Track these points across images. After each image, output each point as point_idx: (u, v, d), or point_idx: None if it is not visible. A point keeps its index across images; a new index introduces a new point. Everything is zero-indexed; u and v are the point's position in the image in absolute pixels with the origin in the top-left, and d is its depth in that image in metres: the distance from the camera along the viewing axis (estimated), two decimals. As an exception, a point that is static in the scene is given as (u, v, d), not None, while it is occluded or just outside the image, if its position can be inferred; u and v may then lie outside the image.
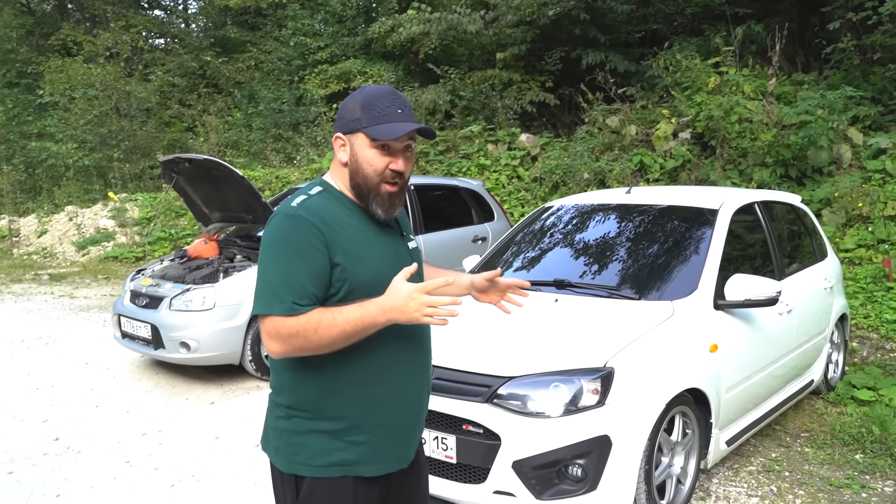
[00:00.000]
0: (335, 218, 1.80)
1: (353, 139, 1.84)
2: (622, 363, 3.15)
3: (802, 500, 3.69)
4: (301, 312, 1.70)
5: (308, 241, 1.74)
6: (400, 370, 1.88)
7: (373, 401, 1.84)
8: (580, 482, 3.03)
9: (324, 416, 1.83)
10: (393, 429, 1.88)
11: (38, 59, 19.85)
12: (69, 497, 3.94)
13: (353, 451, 1.83)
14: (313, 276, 1.74)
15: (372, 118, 1.80)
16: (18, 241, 14.11)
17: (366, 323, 1.71)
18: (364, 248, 1.82)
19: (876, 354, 5.89)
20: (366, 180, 1.83)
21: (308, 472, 1.84)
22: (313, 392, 1.83)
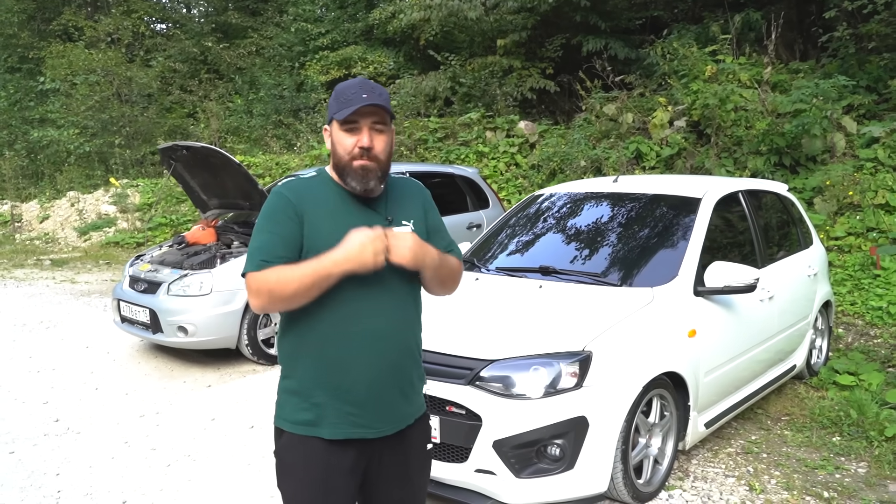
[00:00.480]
0: (314, 195, 2.03)
1: (331, 128, 2.05)
2: (600, 347, 3.26)
3: (777, 480, 3.81)
4: (267, 267, 1.92)
5: (281, 210, 1.98)
6: (358, 336, 1.98)
7: (328, 363, 1.98)
8: (558, 461, 3.15)
9: (291, 374, 2.04)
10: (347, 394, 1.98)
11: (39, 44, 19.93)
12: (68, 476, 4.07)
13: (313, 411, 1.99)
14: (284, 238, 1.96)
15: (339, 105, 1.99)
16: (21, 227, 14.24)
17: (320, 273, 1.88)
18: (330, 223, 1.99)
19: (860, 340, 6.00)
20: (340, 160, 2.02)
21: (285, 426, 2.04)
22: (286, 352, 2.05)
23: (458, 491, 3.26)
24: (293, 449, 2.03)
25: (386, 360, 2.02)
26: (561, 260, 4.21)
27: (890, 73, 9.50)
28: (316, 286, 1.90)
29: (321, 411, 1.99)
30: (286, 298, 1.91)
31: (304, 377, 2.01)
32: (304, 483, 2.01)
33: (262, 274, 1.92)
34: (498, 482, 3.14)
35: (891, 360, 5.47)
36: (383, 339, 2.02)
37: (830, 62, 10.34)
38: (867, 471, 3.93)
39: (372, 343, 2.00)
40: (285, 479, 2.06)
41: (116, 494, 3.84)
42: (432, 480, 3.31)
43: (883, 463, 3.96)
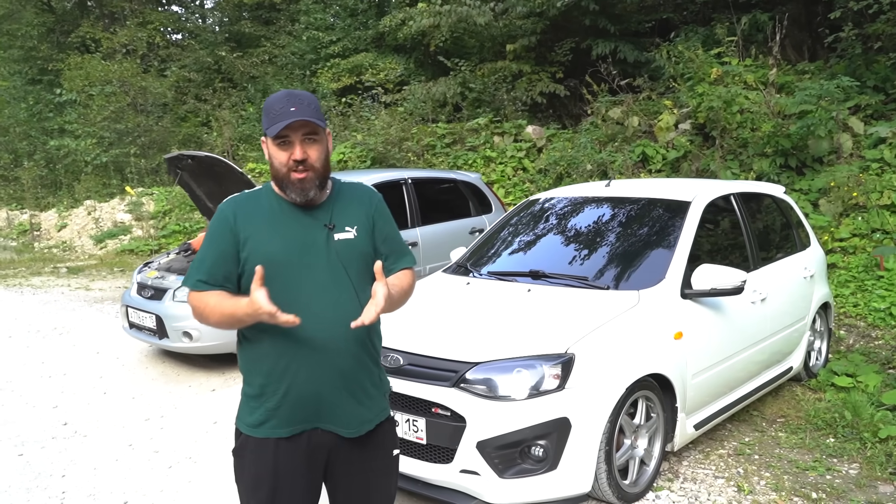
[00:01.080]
0: (254, 208, 2.12)
1: (266, 142, 2.11)
2: (583, 349, 3.32)
3: (767, 482, 3.83)
4: (203, 290, 2.06)
5: (218, 226, 2.10)
6: (307, 346, 2.05)
7: (280, 371, 2.06)
8: (541, 462, 3.21)
9: (248, 380, 2.15)
10: (297, 401, 2.07)
11: (58, 56, 20.29)
12: (73, 477, 4.18)
13: (266, 414, 2.09)
14: (221, 254, 2.07)
15: (269, 120, 2.04)
16: (39, 235, 14.53)
17: (236, 318, 1.99)
18: (267, 233, 2.07)
19: (861, 342, 5.98)
20: (277, 172, 2.09)
21: (242, 427, 2.15)
22: (242, 360, 2.17)
23: (444, 491, 3.33)
24: (247, 449, 2.12)
25: (335, 368, 2.08)
26: (551, 264, 4.27)
27: (897, 73, 9.45)
28: (237, 323, 2.02)
29: (273, 415, 2.08)
30: (211, 324, 2.05)
31: (258, 383, 2.10)
32: (258, 482, 2.10)
33: (197, 295, 2.06)
34: (482, 482, 3.20)
35: (891, 362, 5.46)
36: (332, 348, 2.07)
37: (838, 63, 10.30)
38: (858, 472, 3.94)
39: (320, 351, 2.06)
40: (242, 478, 2.15)
41: (118, 495, 3.95)
42: (419, 481, 3.39)
43: (875, 464, 3.97)
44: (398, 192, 7.07)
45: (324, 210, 2.14)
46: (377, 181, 6.91)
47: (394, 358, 3.51)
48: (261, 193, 2.17)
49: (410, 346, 3.54)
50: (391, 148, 12.53)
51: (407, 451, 3.39)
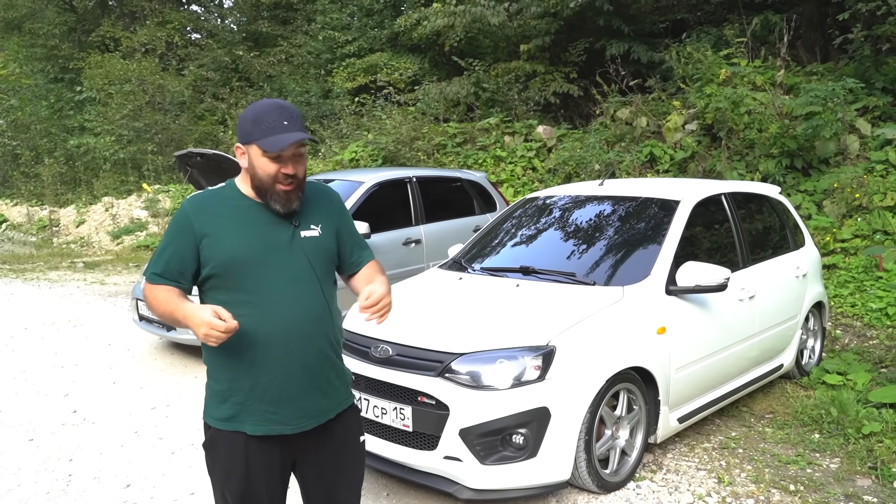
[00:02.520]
0: (215, 207, 2.15)
1: (249, 149, 2.13)
2: (564, 342, 3.43)
3: (748, 474, 3.92)
4: (158, 283, 2.12)
5: (179, 224, 2.14)
6: (272, 339, 2.11)
7: (245, 365, 2.12)
8: (521, 449, 3.33)
9: (215, 377, 2.20)
10: (264, 393, 2.13)
11: (79, 55, 20.67)
12: (80, 461, 4.37)
13: (233, 408, 2.15)
14: (178, 252, 2.12)
15: (262, 132, 2.07)
16: (58, 231, 14.85)
17: (177, 318, 2.06)
18: (230, 233, 2.11)
19: (856, 342, 6.03)
20: (262, 183, 2.12)
21: (210, 422, 2.21)
22: (209, 355, 2.20)
23: (428, 476, 3.45)
24: (218, 443, 2.19)
25: (299, 361, 2.15)
26: (541, 260, 4.38)
27: (906, 75, 9.44)
28: (173, 324, 2.12)
29: (241, 409, 2.15)
30: (161, 318, 2.14)
31: (225, 378, 2.16)
32: (230, 473, 2.18)
33: (151, 288, 2.14)
34: (464, 468, 3.32)
35: (883, 362, 5.51)
36: (296, 341, 2.14)
37: (847, 64, 10.29)
38: (839, 466, 4.02)
39: (285, 346, 2.12)
40: (214, 470, 2.23)
41: (122, 479, 4.12)
42: (405, 467, 3.53)
43: (855, 459, 4.04)
44: (403, 191, 7.21)
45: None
46: (382, 179, 7.06)
47: (383, 348, 3.64)
48: (224, 192, 2.20)
49: (400, 337, 3.67)
50: (402, 147, 12.68)
51: (394, 437, 3.53)
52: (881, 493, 3.71)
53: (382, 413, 3.55)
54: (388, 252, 6.72)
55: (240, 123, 2.15)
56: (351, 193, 6.73)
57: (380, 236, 6.59)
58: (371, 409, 3.60)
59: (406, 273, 6.20)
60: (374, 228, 6.37)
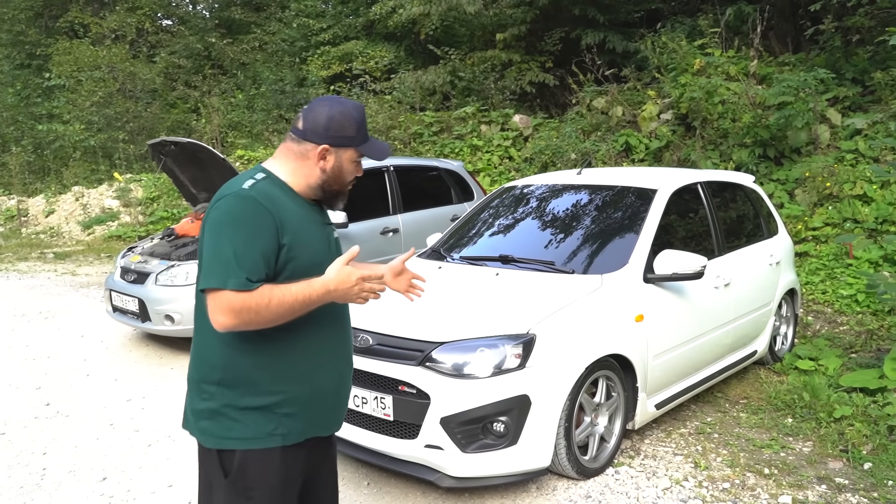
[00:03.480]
0: (281, 203, 1.98)
1: (342, 153, 2.08)
2: (544, 330, 3.45)
3: (723, 458, 3.99)
4: (254, 288, 1.85)
5: (261, 221, 1.90)
6: (326, 346, 2.08)
7: (303, 374, 2.01)
8: (502, 437, 3.34)
9: (259, 391, 1.97)
10: (317, 400, 2.06)
11: (46, 41, 20.22)
12: (55, 455, 4.30)
13: (284, 422, 1.99)
14: (265, 254, 1.89)
15: (363, 137, 2.10)
16: (27, 221, 14.55)
17: (312, 300, 1.90)
18: (306, 234, 2.01)
19: (827, 328, 6.15)
20: (343, 186, 2.13)
21: (240, 445, 1.96)
22: (251, 368, 1.96)
23: (409, 465, 3.46)
24: (251, 467, 1.98)
25: (348, 366, 2.19)
26: (520, 249, 4.40)
27: (875, 66, 9.59)
28: (301, 311, 1.91)
29: (293, 421, 2.00)
30: (267, 321, 1.87)
31: (277, 392, 1.98)
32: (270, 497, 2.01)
33: (248, 294, 1.84)
34: (445, 457, 3.33)
35: (853, 347, 5.63)
36: (344, 348, 2.16)
37: (818, 55, 10.43)
38: (811, 449, 4.10)
39: (337, 353, 2.12)
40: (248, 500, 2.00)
41: (98, 472, 4.07)
42: (386, 456, 3.53)
43: (827, 442, 4.13)
44: (380, 180, 7.18)
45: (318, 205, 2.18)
46: (359, 168, 7.00)
47: (364, 338, 3.63)
48: (275, 186, 2.02)
49: (380, 326, 3.66)
50: (378, 136, 12.62)
51: (374, 427, 3.53)
52: (852, 475, 3.80)
53: (363, 402, 3.54)
54: (366, 241, 6.69)
55: (331, 124, 2.04)
56: (328, 182, 6.67)
57: (357, 225, 6.56)
58: (352, 399, 3.59)
59: (384, 262, 6.18)
60: (351, 218, 6.34)
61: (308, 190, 2.08)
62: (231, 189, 1.96)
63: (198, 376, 2.03)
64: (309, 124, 2.05)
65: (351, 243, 6.61)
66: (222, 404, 1.96)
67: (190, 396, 2.08)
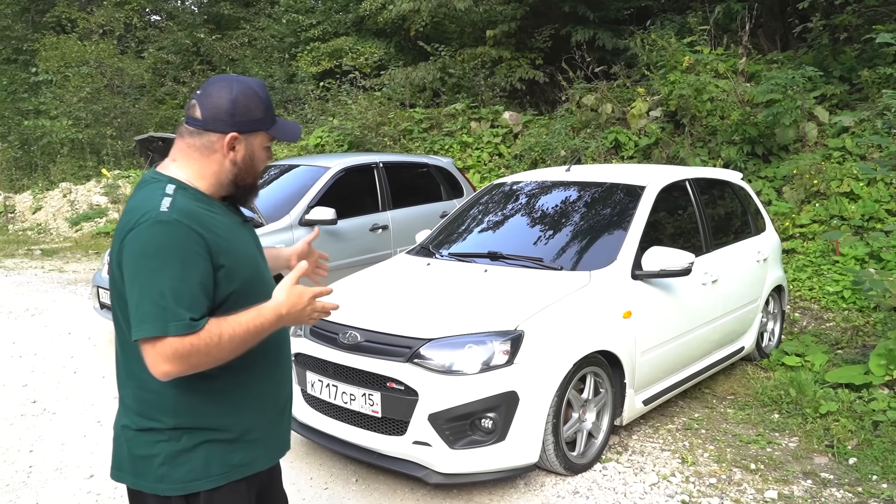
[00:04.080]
0: (206, 218, 1.73)
1: (251, 139, 1.81)
2: (532, 327, 3.46)
3: (710, 454, 4.01)
4: (200, 328, 1.62)
5: (192, 248, 1.65)
6: (278, 366, 1.93)
7: (265, 399, 1.87)
8: (490, 433, 3.35)
9: (218, 426, 1.78)
10: (277, 421, 1.93)
11: (33, 36, 20.07)
12: (41, 453, 4.28)
13: (249, 449, 1.83)
14: (204, 284, 1.67)
15: (272, 118, 1.82)
16: (14, 218, 14.44)
17: (265, 328, 1.71)
18: (238, 244, 1.80)
19: (814, 324, 6.19)
20: (255, 177, 1.86)
21: (207, 484, 1.77)
22: (207, 405, 1.77)
23: (398, 462, 3.46)
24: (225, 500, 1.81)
25: (291, 385, 2.04)
26: (509, 245, 4.41)
27: (862, 64, 9.65)
28: (254, 342, 1.73)
29: (259, 446, 1.86)
30: (219, 360, 1.68)
31: (239, 423, 1.81)
32: None
33: (194, 338, 1.61)
34: (433, 453, 3.34)
35: (839, 343, 5.67)
36: (289, 366, 2.02)
37: (806, 53, 10.49)
38: (797, 445, 4.13)
39: (285, 369, 1.98)
40: None
41: (85, 469, 4.04)
42: (374, 452, 3.53)
43: (813, 438, 4.16)
44: (369, 176, 7.17)
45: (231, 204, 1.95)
46: (348, 165, 7.00)
47: (352, 335, 3.63)
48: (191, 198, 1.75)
49: (368, 323, 3.66)
50: (368, 133, 12.59)
51: (362, 423, 3.53)
52: (837, 470, 3.83)
53: (351, 399, 3.54)
54: (355, 238, 6.68)
55: (239, 107, 1.77)
56: (317, 179, 6.66)
57: (346, 222, 6.55)
58: (340, 396, 3.59)
59: (373, 259, 6.19)
60: (340, 214, 6.33)
61: (219, 188, 1.81)
62: (145, 213, 1.66)
63: (138, 416, 1.77)
64: (209, 111, 1.75)
65: (340, 240, 6.62)
66: (180, 443, 1.74)
67: (130, 444, 1.77)
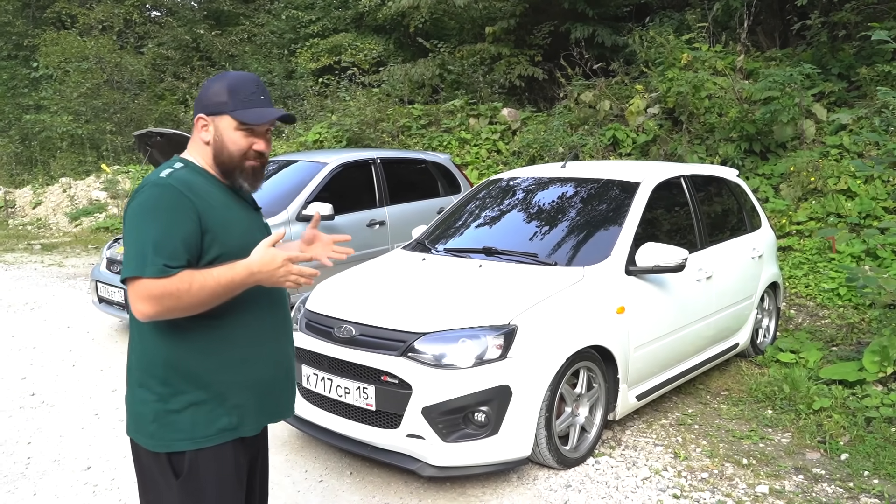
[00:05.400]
0: (202, 189, 1.93)
1: (217, 121, 1.98)
2: (525, 321, 3.48)
3: (703, 449, 4.04)
4: (172, 274, 1.80)
5: (180, 208, 1.85)
6: (267, 330, 2.03)
7: (247, 362, 1.97)
8: (483, 427, 3.38)
9: (203, 384, 1.92)
10: (262, 387, 2.01)
11: (33, 32, 20.06)
12: (39, 444, 4.31)
13: (235, 414, 1.95)
14: (185, 240, 1.84)
15: (239, 102, 1.95)
16: (14, 212, 14.47)
17: (235, 283, 1.84)
18: (230, 218, 1.97)
19: (809, 321, 6.22)
20: (231, 158, 1.98)
21: (190, 445, 1.90)
22: (190, 361, 1.91)
23: (391, 455, 3.49)
24: (202, 466, 1.93)
25: (289, 349, 2.13)
26: (504, 241, 4.43)
27: (861, 61, 9.66)
28: (225, 295, 1.86)
29: (244, 412, 1.97)
30: (189, 306, 1.82)
31: (217, 383, 1.93)
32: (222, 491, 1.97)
33: (167, 280, 1.79)
34: (427, 446, 3.37)
35: (834, 340, 5.69)
36: (285, 331, 2.11)
37: (804, 50, 10.50)
38: (790, 441, 4.16)
39: (279, 337, 2.07)
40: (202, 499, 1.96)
41: (82, 461, 4.08)
42: (368, 445, 3.56)
43: (805, 433, 4.19)
44: (367, 172, 7.19)
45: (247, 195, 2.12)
46: (346, 160, 7.03)
47: (347, 329, 3.66)
48: (192, 173, 1.98)
49: (363, 317, 3.69)
50: (367, 129, 12.61)
51: (357, 416, 3.56)
52: (829, 466, 3.86)
53: (346, 392, 3.57)
54: (352, 233, 6.59)
55: (206, 93, 1.99)
56: (314, 174, 6.69)
57: (344, 217, 6.57)
58: (334, 389, 3.62)
59: (370, 254, 6.20)
60: (337, 210, 6.35)
61: (212, 168, 2.01)
62: (148, 180, 1.92)
63: (139, 376, 1.96)
64: (196, 100, 2.04)
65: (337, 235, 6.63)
66: (168, 404, 1.90)
67: (131, 399, 1.98)
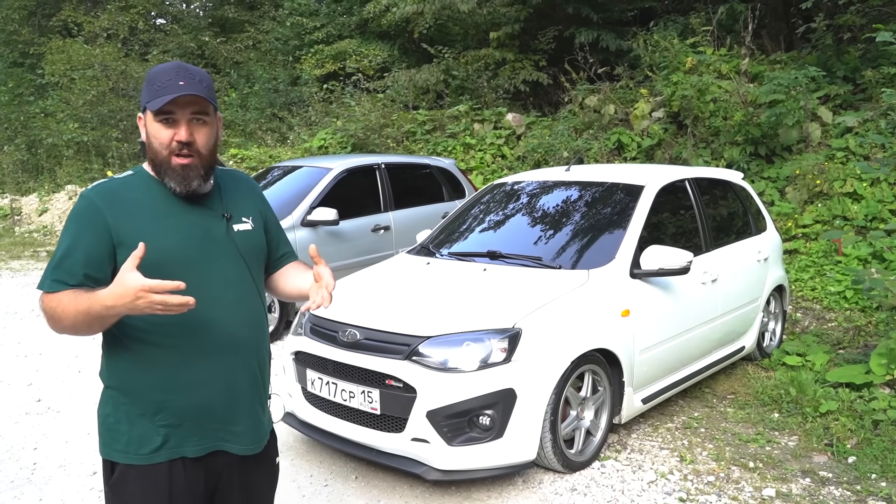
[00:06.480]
0: (130, 199, 1.81)
1: (146, 117, 1.83)
2: (530, 324, 3.48)
3: (709, 452, 4.02)
4: (56, 291, 1.73)
5: (89, 221, 1.77)
6: (207, 354, 1.86)
7: (182, 382, 1.84)
8: (488, 430, 3.37)
9: (136, 398, 1.84)
10: (205, 411, 1.87)
11: (39, 40, 20.19)
12: (45, 450, 4.31)
13: (166, 433, 1.83)
14: (89, 255, 1.76)
15: (152, 93, 1.78)
16: (20, 220, 14.53)
17: (94, 313, 1.67)
18: (160, 229, 1.81)
19: (816, 324, 6.19)
20: (156, 154, 1.81)
21: (122, 458, 1.84)
22: (126, 374, 1.85)
23: (396, 458, 3.49)
24: (130, 480, 1.83)
25: (247, 370, 1.94)
26: (508, 245, 4.43)
27: (866, 64, 9.64)
28: (96, 323, 1.71)
29: (179, 432, 1.84)
30: (67, 328, 1.74)
31: (152, 401, 1.83)
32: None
33: (53, 297, 1.73)
34: (432, 450, 3.36)
35: (841, 343, 5.67)
36: (243, 349, 1.92)
37: (809, 53, 10.48)
38: (797, 444, 4.14)
39: (232, 354, 1.89)
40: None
41: (88, 466, 4.08)
42: (373, 449, 3.56)
43: (812, 437, 4.17)
44: (372, 177, 7.20)
45: (215, 200, 1.93)
46: (351, 166, 7.05)
47: (351, 333, 3.66)
48: (135, 180, 1.86)
49: (368, 321, 3.69)
50: (371, 134, 12.64)
51: (361, 420, 3.55)
52: (836, 469, 3.83)
53: (350, 396, 3.56)
54: (357, 239, 6.72)
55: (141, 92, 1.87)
56: (319, 180, 6.71)
57: (348, 223, 6.58)
58: (339, 393, 3.61)
59: (375, 259, 6.20)
60: (342, 215, 6.37)
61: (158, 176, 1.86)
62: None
63: (104, 379, 1.95)
64: None
65: (342, 241, 6.65)
66: (112, 413, 1.87)
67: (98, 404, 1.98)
